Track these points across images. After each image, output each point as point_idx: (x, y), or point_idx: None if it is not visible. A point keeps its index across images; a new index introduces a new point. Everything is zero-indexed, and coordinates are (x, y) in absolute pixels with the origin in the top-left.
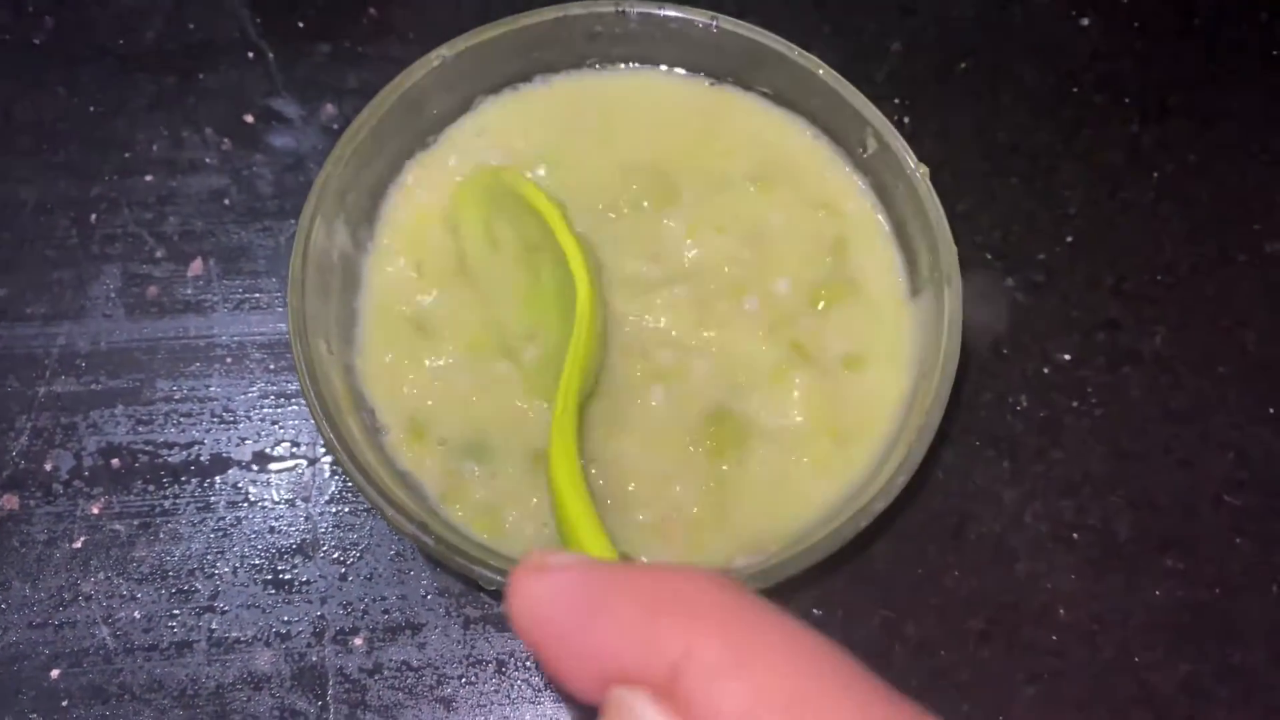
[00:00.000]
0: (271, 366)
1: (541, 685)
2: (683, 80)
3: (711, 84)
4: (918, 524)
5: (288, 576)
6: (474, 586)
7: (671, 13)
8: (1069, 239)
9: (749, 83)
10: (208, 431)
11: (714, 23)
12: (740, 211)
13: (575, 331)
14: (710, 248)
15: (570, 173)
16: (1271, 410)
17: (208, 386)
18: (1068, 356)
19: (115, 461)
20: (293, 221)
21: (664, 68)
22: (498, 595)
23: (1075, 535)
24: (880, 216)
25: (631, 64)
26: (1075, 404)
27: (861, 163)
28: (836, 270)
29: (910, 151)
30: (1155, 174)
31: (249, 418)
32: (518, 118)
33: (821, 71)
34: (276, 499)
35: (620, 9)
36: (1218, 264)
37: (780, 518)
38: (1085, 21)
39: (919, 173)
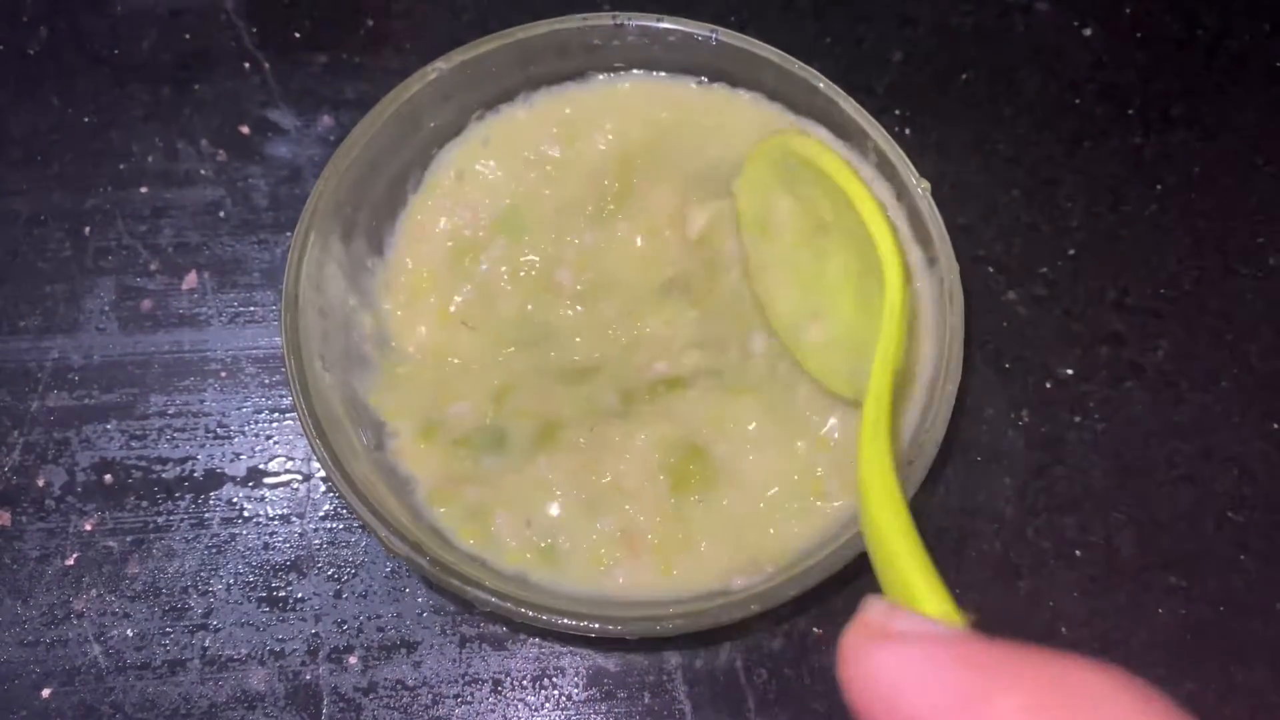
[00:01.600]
0: (266, 381)
1: (538, 705)
2: (680, 82)
3: (698, 83)
4: None
5: (282, 594)
6: (470, 606)
7: (670, 25)
8: (1071, 252)
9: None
10: (202, 447)
11: (713, 35)
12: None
13: (885, 329)
14: (714, 249)
15: (567, 172)
16: (1276, 425)
17: (202, 401)
18: (1070, 371)
19: (108, 477)
20: (289, 234)
21: (658, 74)
22: (493, 616)
23: (1078, 552)
24: None
25: (630, 71)
26: (1077, 419)
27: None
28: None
29: (912, 167)
30: (1158, 186)
31: (243, 433)
32: (514, 130)
33: (822, 85)
34: (271, 515)
35: (618, 22)
36: (1221, 277)
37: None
38: (1087, 32)
39: (920, 188)
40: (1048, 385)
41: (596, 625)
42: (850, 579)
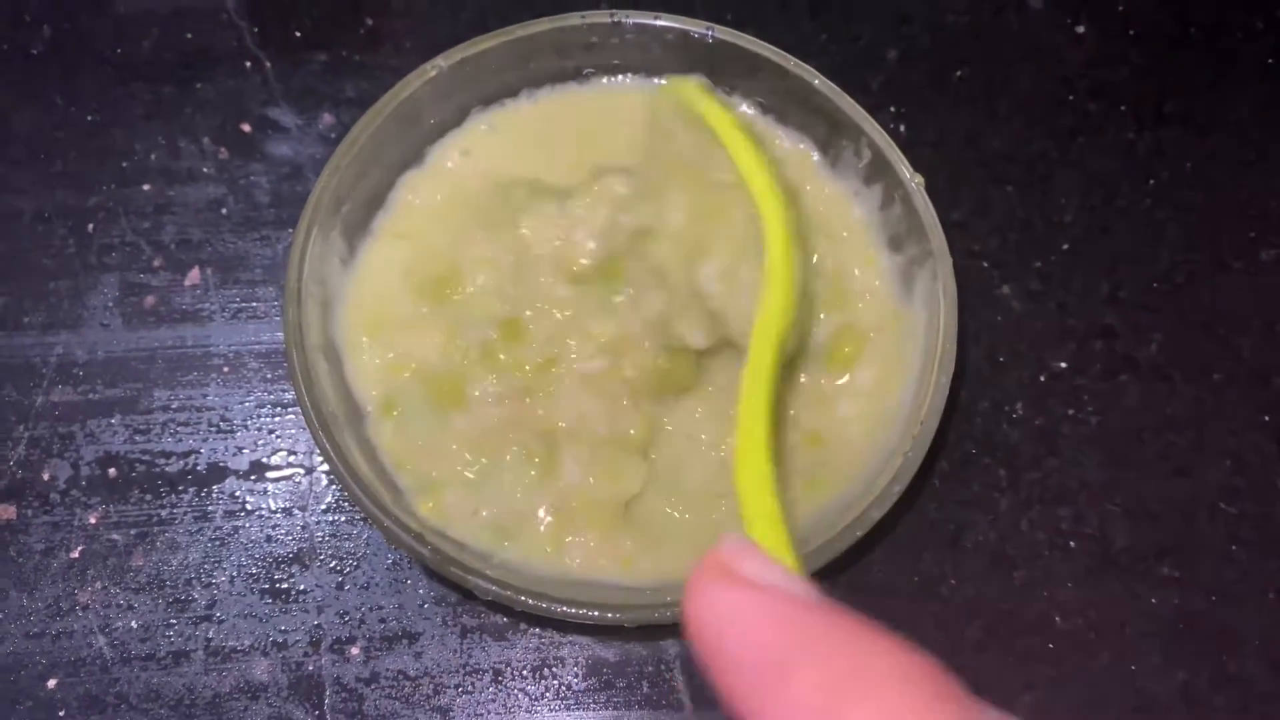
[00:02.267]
0: (269, 376)
1: (538, 694)
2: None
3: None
4: (914, 532)
5: (285, 586)
6: (470, 596)
7: (667, 23)
8: (1065, 247)
9: (745, 93)
10: (205, 441)
11: (710, 32)
12: (734, 222)
13: (767, 284)
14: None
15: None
16: (1267, 418)
17: (205, 396)
18: (1064, 364)
19: (112, 471)
20: (290, 231)
21: (660, 80)
22: (494, 605)
23: (1072, 543)
24: (876, 225)
25: (626, 75)
26: (1072, 412)
27: (856, 171)
28: (834, 281)
29: (906, 161)
30: (1151, 181)
31: (246, 427)
32: (509, 130)
33: (818, 82)
34: (273, 508)
35: (616, 19)
36: (1214, 271)
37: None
38: (1081, 29)
39: (915, 182)
40: (1042, 378)
41: (595, 613)
42: (847, 566)
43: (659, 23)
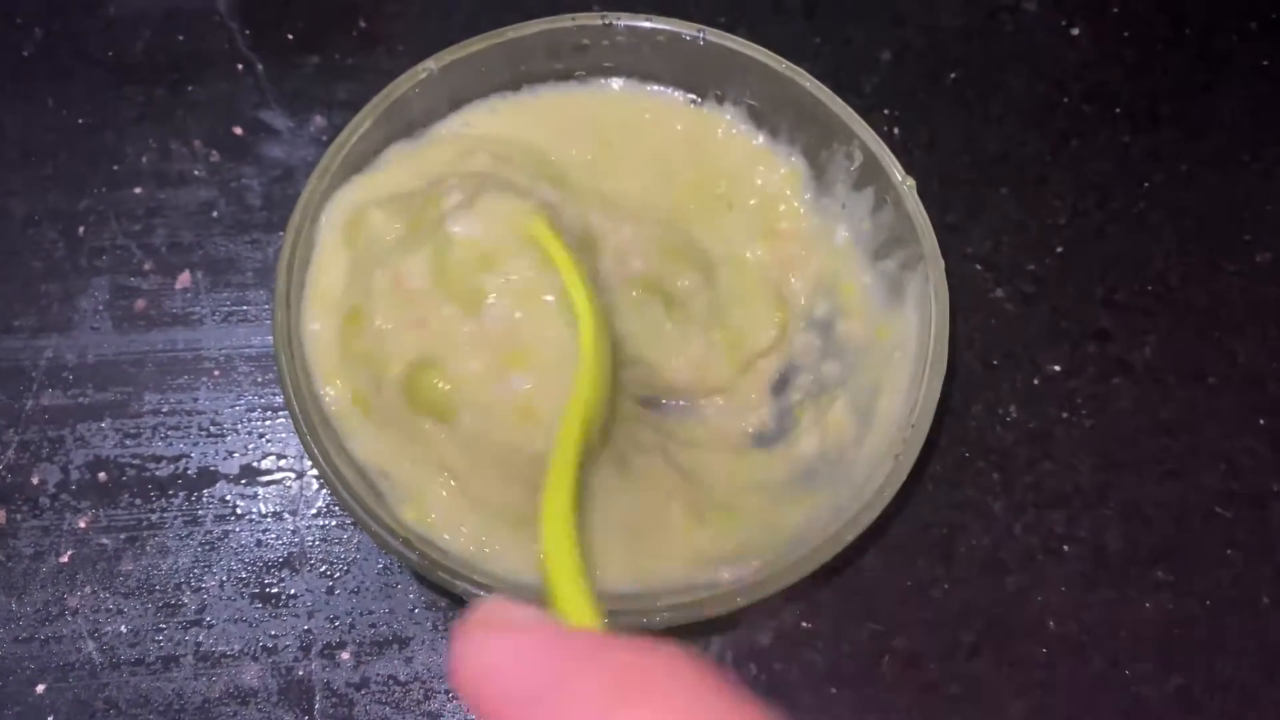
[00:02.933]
0: (259, 379)
1: None
2: (666, 99)
3: (693, 103)
4: (907, 535)
5: (275, 590)
6: (460, 601)
7: (658, 25)
8: (1059, 249)
9: (736, 97)
10: (195, 445)
11: (701, 35)
12: (728, 235)
13: (579, 376)
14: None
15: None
16: (1262, 421)
17: (195, 400)
18: (1058, 367)
19: (102, 475)
20: (281, 234)
21: (652, 87)
22: None
23: (1065, 547)
24: (863, 241)
25: (619, 78)
26: (1065, 415)
27: (847, 175)
28: (825, 287)
29: (897, 163)
30: (1145, 184)
31: (236, 431)
32: (501, 128)
33: (809, 84)
34: (264, 512)
35: (607, 22)
36: (1208, 274)
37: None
38: (1075, 31)
39: (906, 184)
40: (1035, 381)
41: None
42: (839, 571)
43: (649, 25)
